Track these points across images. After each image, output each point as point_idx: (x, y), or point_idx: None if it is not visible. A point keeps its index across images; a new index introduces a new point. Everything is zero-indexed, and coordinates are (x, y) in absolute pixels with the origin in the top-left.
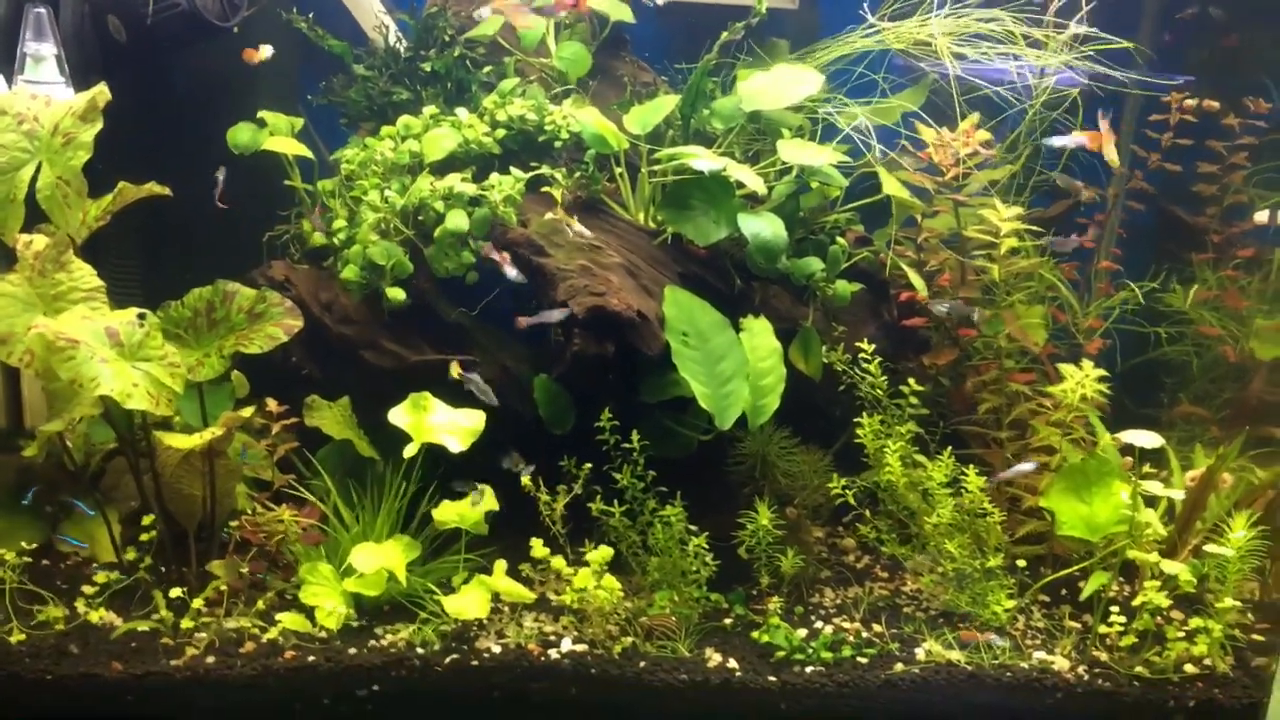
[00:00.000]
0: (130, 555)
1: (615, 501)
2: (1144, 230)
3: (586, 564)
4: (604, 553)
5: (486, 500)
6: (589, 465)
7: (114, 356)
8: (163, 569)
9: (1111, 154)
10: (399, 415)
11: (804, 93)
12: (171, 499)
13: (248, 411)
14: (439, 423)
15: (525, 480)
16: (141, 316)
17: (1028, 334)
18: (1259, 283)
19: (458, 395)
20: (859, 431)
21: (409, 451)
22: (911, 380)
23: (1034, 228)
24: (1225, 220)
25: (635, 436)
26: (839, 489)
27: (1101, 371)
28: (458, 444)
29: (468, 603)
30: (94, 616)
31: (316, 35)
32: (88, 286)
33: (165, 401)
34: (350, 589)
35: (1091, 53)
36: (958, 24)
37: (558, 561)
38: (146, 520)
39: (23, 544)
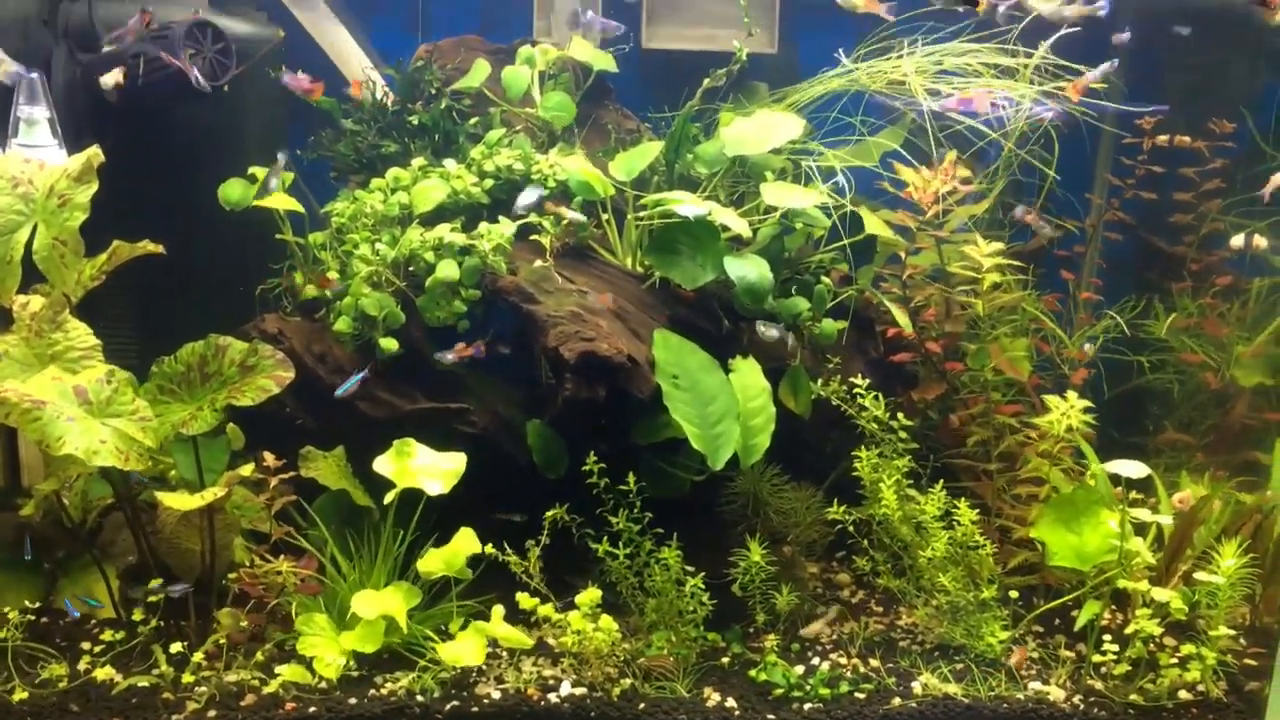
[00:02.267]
0: (137, 616)
1: (609, 543)
2: (1123, 260)
3: (576, 607)
4: (592, 594)
5: (470, 544)
6: (583, 508)
7: (82, 415)
8: (161, 623)
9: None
10: (384, 464)
11: (786, 137)
12: (170, 554)
13: (247, 469)
14: (419, 466)
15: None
16: (111, 374)
17: (1014, 366)
18: (1238, 310)
19: (452, 445)
20: (857, 465)
21: (389, 497)
22: (900, 415)
23: (1014, 262)
24: (1203, 248)
25: (631, 479)
26: (839, 514)
27: (1086, 402)
28: (438, 486)
29: (464, 650)
30: (99, 674)
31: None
32: (84, 345)
33: (135, 456)
34: (348, 646)
35: (1065, 85)
36: (930, 61)
37: (546, 609)
38: (153, 583)
39: (25, 602)
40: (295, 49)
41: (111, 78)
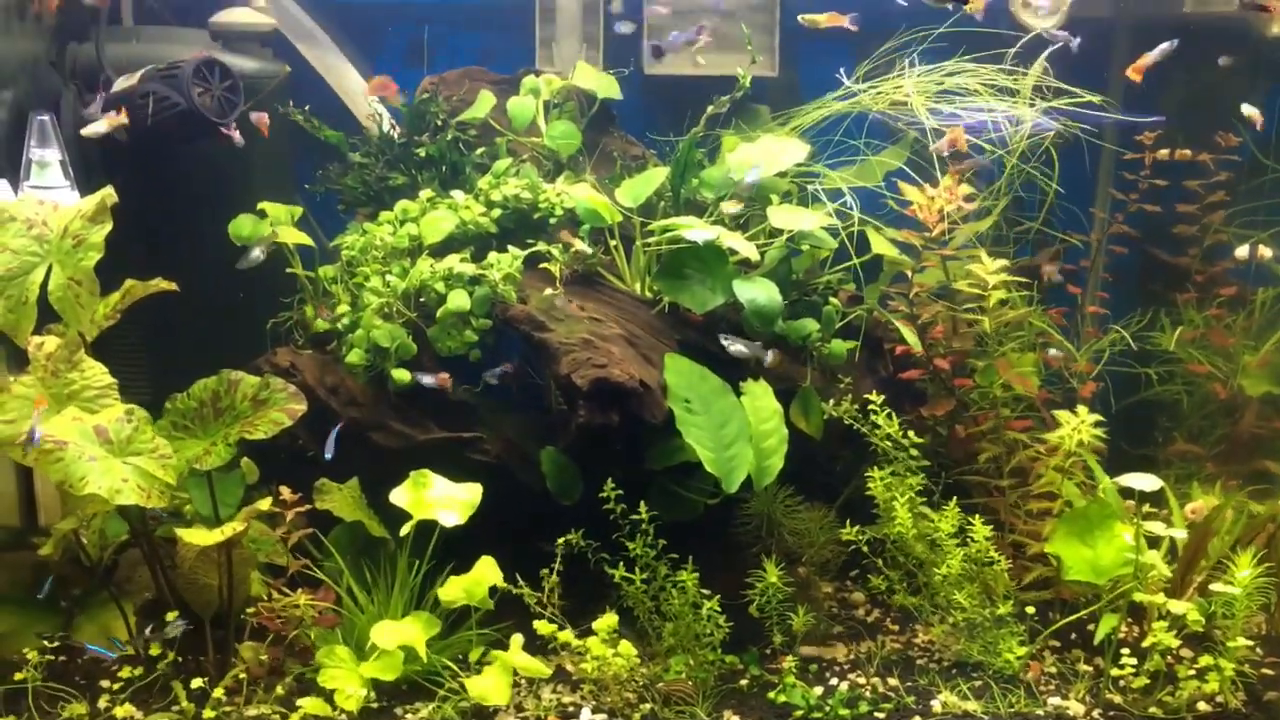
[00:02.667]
0: (155, 651)
1: (624, 568)
2: (1128, 273)
3: (594, 633)
4: (609, 620)
5: (492, 573)
6: (598, 534)
7: (103, 454)
8: (180, 659)
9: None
10: (400, 495)
11: (790, 161)
12: (188, 589)
13: (265, 503)
14: (435, 497)
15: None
16: (130, 413)
17: (1023, 381)
18: (1244, 320)
19: (466, 474)
20: (870, 484)
21: (405, 529)
22: (911, 433)
23: (1019, 278)
24: (1207, 259)
25: (643, 507)
26: (853, 535)
27: (1097, 416)
28: (454, 517)
29: (489, 686)
30: (120, 712)
31: (312, 126)
32: (100, 384)
33: (157, 494)
34: (368, 674)
35: (1063, 100)
36: (931, 81)
37: (565, 635)
38: (170, 616)
39: (44, 642)
40: (302, 85)
41: (98, 126)
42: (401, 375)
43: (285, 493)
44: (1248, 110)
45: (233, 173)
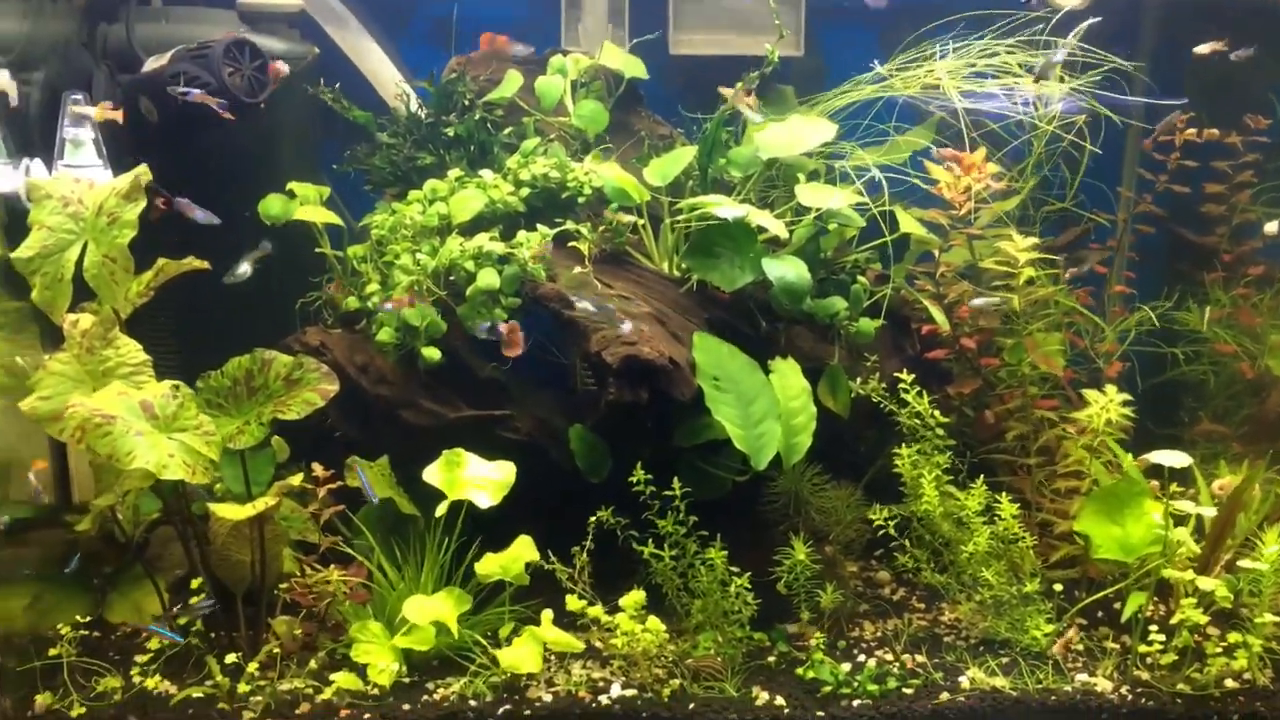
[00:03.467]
0: (182, 621)
1: (652, 545)
2: (1155, 252)
3: (621, 609)
4: (636, 596)
5: (528, 551)
6: (626, 512)
7: (149, 429)
8: (212, 635)
9: None
10: (433, 473)
11: (818, 140)
12: (220, 566)
13: (297, 479)
14: (469, 477)
15: None
16: (175, 388)
17: (1048, 360)
18: (1271, 299)
19: (496, 452)
20: (897, 462)
21: (440, 510)
22: (936, 412)
23: (1049, 256)
24: (1234, 239)
25: (676, 483)
26: (881, 520)
27: (1125, 395)
28: (487, 499)
29: (522, 656)
30: (150, 683)
31: (341, 106)
32: (134, 361)
33: (201, 470)
34: (401, 644)
35: (1092, 79)
36: (961, 63)
37: (595, 610)
38: (195, 584)
39: (76, 617)
40: (330, 65)
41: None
42: (431, 353)
43: (317, 469)
44: None
45: (261, 153)
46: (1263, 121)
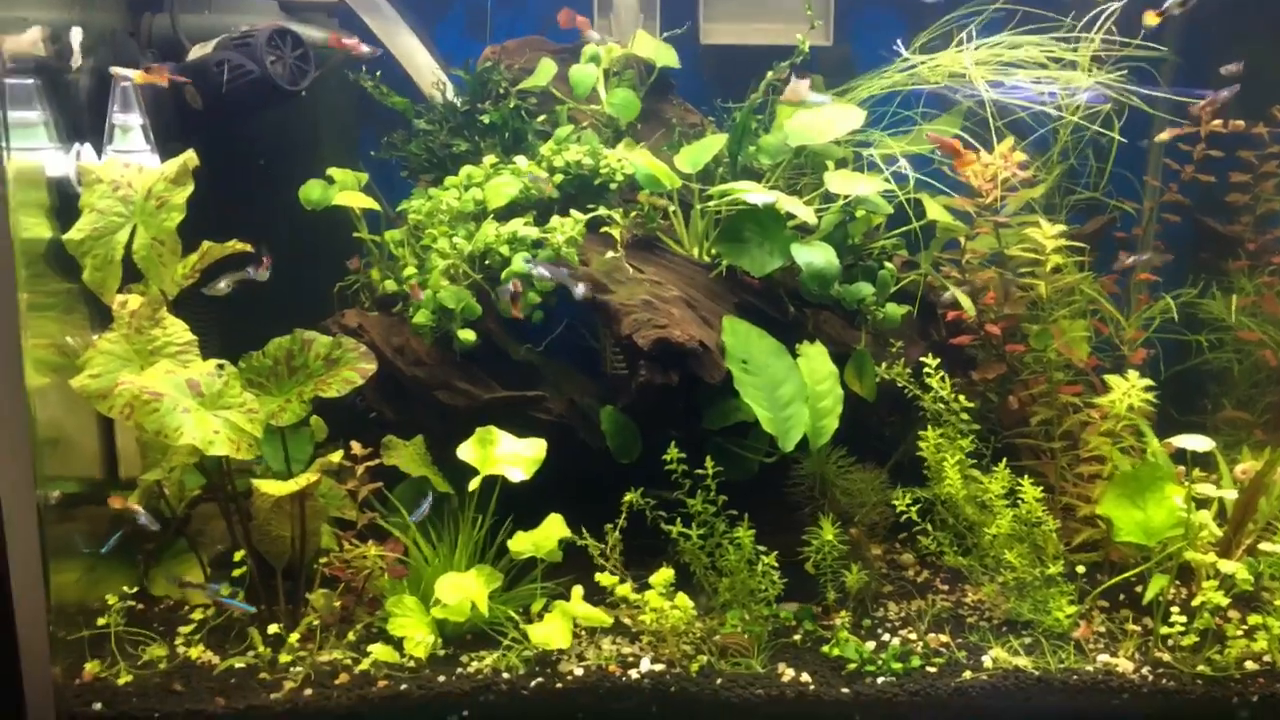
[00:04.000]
0: (225, 592)
1: (681, 524)
2: (1180, 241)
3: (650, 587)
4: (665, 574)
5: (560, 529)
6: (656, 493)
7: (195, 406)
8: (254, 608)
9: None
10: (467, 450)
11: (847, 127)
12: (261, 540)
13: (337, 456)
14: (501, 454)
15: None
16: (221, 367)
17: (1073, 348)
18: None
19: (528, 432)
20: (921, 445)
21: (473, 485)
22: (961, 397)
23: (1075, 243)
24: (1259, 228)
25: (709, 463)
26: (904, 505)
27: (1148, 381)
28: (520, 473)
29: (552, 632)
30: (194, 653)
31: (380, 94)
32: (181, 341)
33: (246, 446)
34: (438, 615)
35: (1120, 69)
36: (990, 53)
37: (624, 589)
38: (237, 556)
39: (123, 588)
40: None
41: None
42: (467, 335)
43: (356, 447)
44: None
45: (301, 139)
46: None
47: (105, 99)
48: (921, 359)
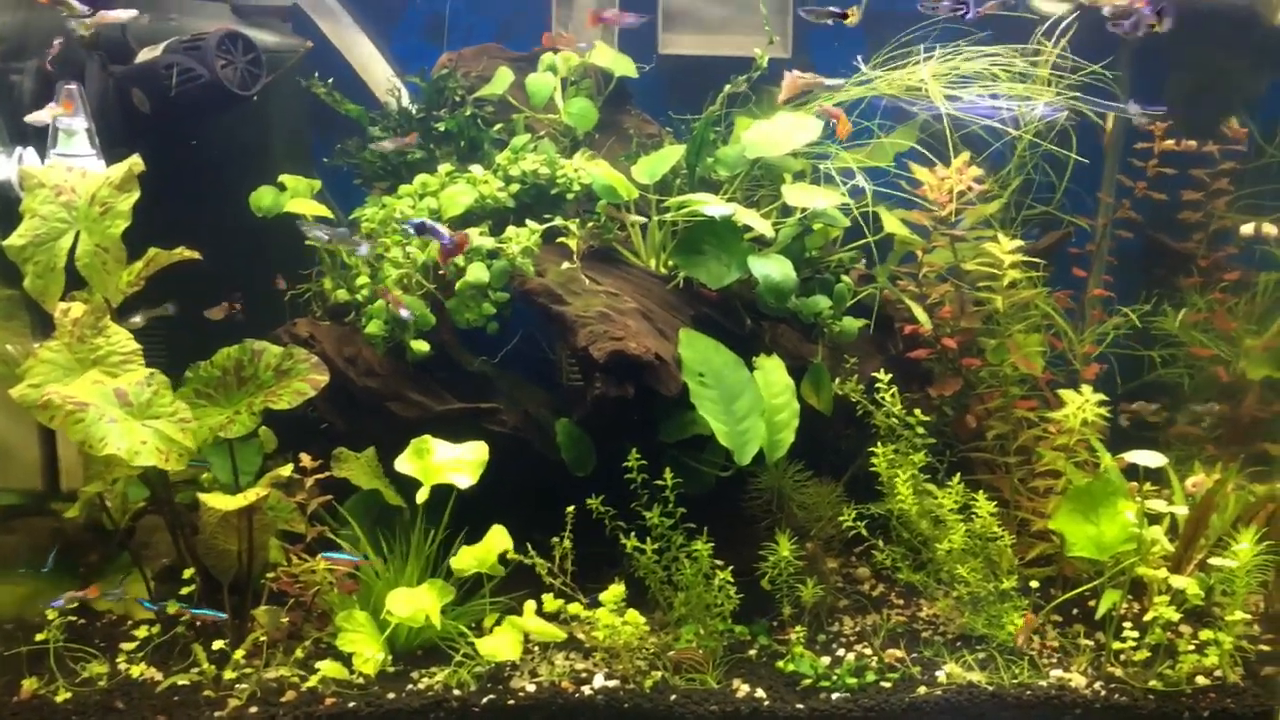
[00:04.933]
0: (172, 609)
1: (636, 538)
2: (1133, 257)
3: (601, 604)
4: (616, 590)
5: (503, 541)
6: (611, 505)
7: (123, 416)
8: (198, 623)
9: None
10: (404, 463)
11: (804, 139)
12: (207, 554)
13: (286, 469)
14: (444, 461)
15: None
16: (150, 376)
17: (1028, 362)
18: (1245, 304)
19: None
20: (873, 461)
21: (421, 495)
22: (918, 411)
23: (1030, 258)
24: (1210, 245)
25: (668, 474)
26: (851, 521)
27: (1101, 396)
28: (466, 479)
29: (500, 644)
30: (136, 670)
31: (334, 100)
32: (125, 350)
33: (176, 457)
34: (392, 620)
35: (1073, 85)
36: (946, 67)
37: (574, 607)
38: (187, 574)
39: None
40: (321, 59)
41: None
42: (420, 346)
43: (306, 460)
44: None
45: (252, 145)
46: (1241, 130)
47: (49, 101)
48: (876, 373)
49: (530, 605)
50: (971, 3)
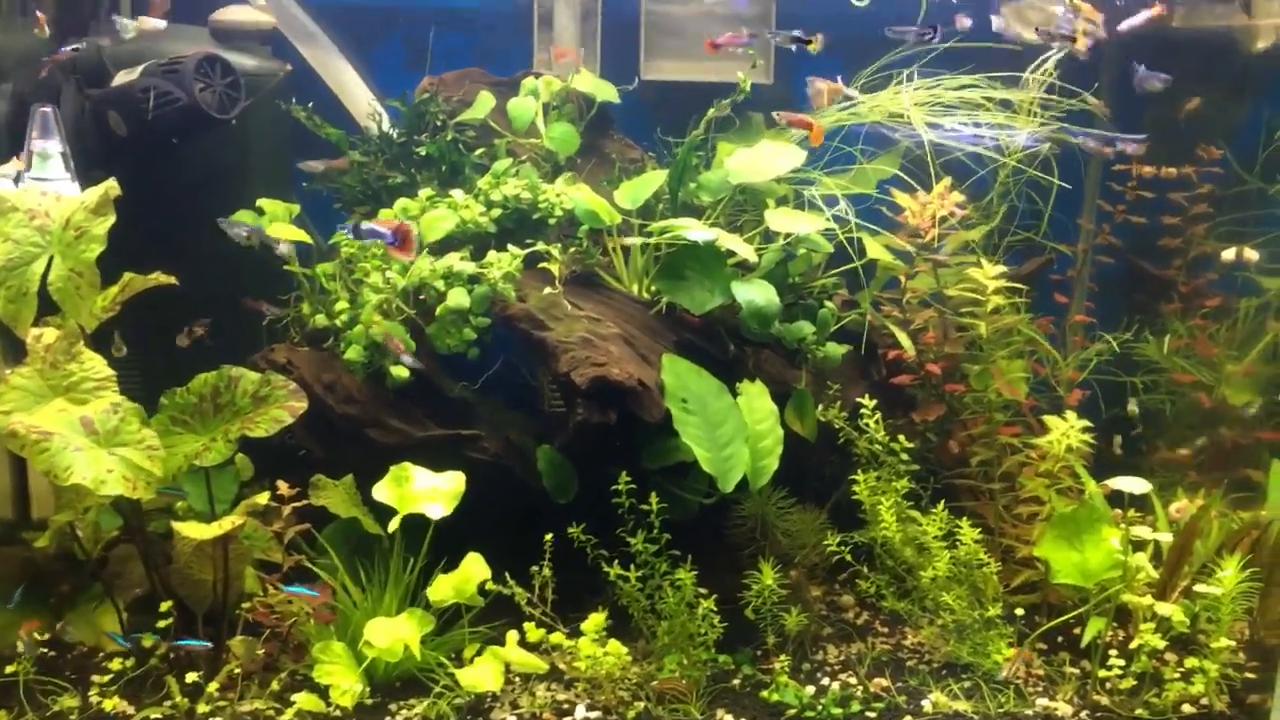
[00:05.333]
0: (147, 642)
1: (618, 565)
2: (1115, 283)
3: (583, 633)
4: (596, 620)
5: (480, 570)
6: (593, 532)
7: (89, 445)
8: (172, 655)
9: None
10: (382, 491)
11: (787, 166)
12: (182, 584)
13: (263, 497)
14: (420, 490)
15: None
16: (116, 405)
17: (1011, 387)
18: (1226, 330)
19: (464, 471)
20: (855, 488)
21: (393, 525)
22: (901, 437)
23: (1014, 284)
24: (1191, 271)
25: (653, 499)
26: (835, 547)
27: (1085, 422)
28: (440, 509)
29: (481, 675)
30: (109, 704)
31: (314, 124)
32: (98, 376)
33: (144, 485)
34: (369, 654)
35: (1057, 114)
36: (929, 94)
37: (557, 636)
38: (164, 607)
39: (34, 634)
40: (301, 83)
41: None
42: (400, 372)
43: (283, 488)
44: None
45: (231, 169)
46: (1215, 152)
47: (23, 125)
48: (859, 400)
49: (513, 635)
50: (938, 28)
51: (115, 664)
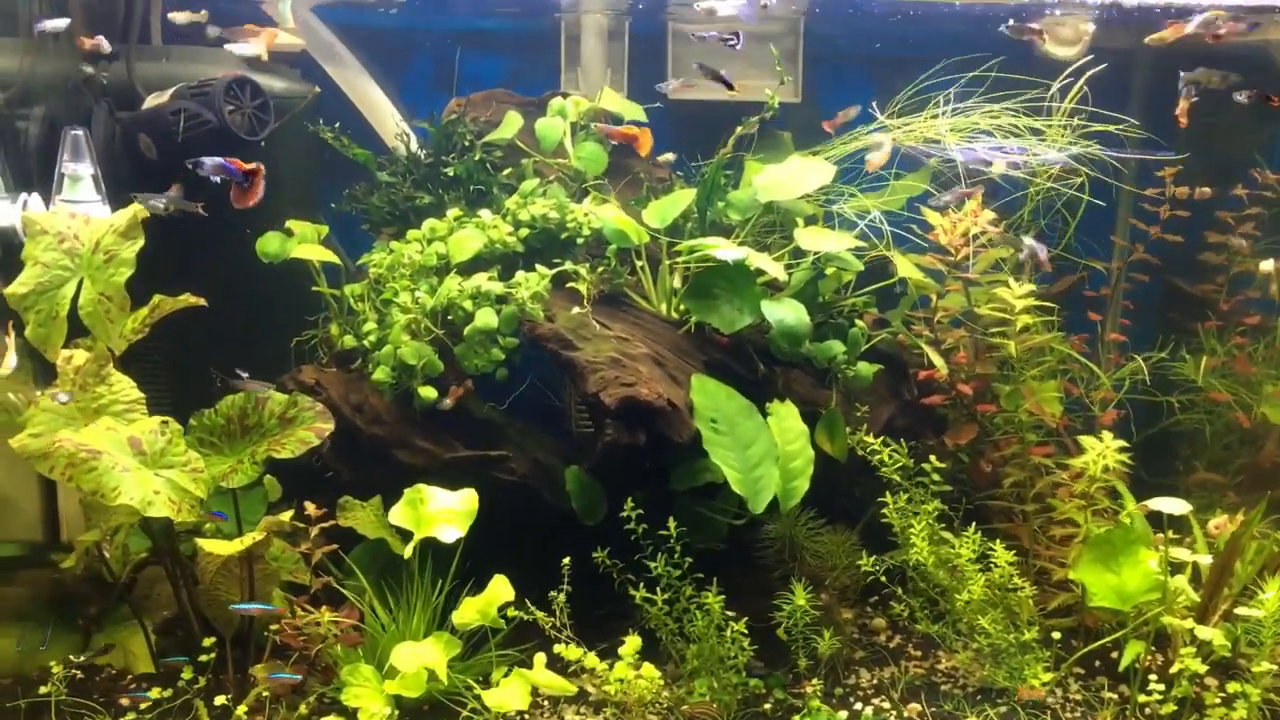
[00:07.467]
0: (187, 675)
1: (646, 588)
2: (1149, 301)
3: (619, 657)
4: (633, 643)
5: (505, 592)
6: (623, 554)
7: (136, 465)
8: (200, 678)
9: None
10: (399, 514)
11: (817, 183)
12: (209, 606)
13: (287, 516)
14: (434, 511)
15: None
16: (164, 424)
17: (1044, 408)
18: (1265, 349)
19: (491, 493)
20: (884, 511)
21: (407, 551)
22: (933, 458)
23: (1044, 303)
24: (1230, 288)
25: (672, 524)
26: (869, 567)
27: (1121, 442)
28: (455, 532)
29: (508, 695)
30: None
31: (342, 145)
32: (128, 399)
33: (188, 508)
34: (392, 690)
35: (1086, 133)
36: (966, 121)
37: (591, 659)
38: (207, 642)
39: (69, 657)
40: (330, 105)
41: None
42: (428, 393)
43: (310, 508)
44: None
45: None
46: (1270, 176)
47: (55, 147)
48: (886, 421)
49: (540, 658)
50: (740, 35)
51: (155, 692)
